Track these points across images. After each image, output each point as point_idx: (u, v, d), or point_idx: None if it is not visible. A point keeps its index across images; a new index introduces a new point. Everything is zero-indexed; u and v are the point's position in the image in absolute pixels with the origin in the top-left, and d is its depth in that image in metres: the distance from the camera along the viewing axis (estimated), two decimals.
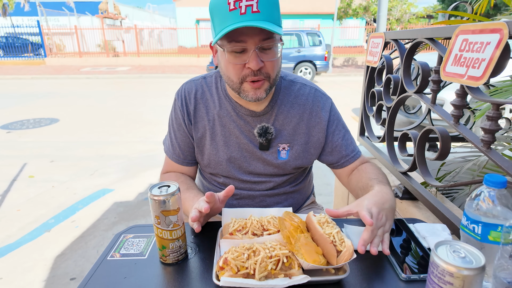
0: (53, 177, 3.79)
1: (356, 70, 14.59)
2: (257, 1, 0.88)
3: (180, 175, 1.22)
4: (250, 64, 0.94)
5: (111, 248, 0.90)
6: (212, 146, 1.15)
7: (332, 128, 1.17)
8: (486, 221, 0.67)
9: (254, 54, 0.93)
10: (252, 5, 0.88)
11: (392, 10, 16.49)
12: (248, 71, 0.96)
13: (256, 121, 1.12)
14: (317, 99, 1.16)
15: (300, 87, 1.17)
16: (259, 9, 0.89)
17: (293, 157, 1.15)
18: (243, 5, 0.88)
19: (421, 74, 1.18)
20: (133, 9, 32.04)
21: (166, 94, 9.16)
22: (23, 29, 17.99)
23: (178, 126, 1.18)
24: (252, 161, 1.16)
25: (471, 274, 0.54)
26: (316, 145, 1.17)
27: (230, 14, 0.89)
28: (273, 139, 1.13)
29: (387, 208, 0.88)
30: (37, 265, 2.26)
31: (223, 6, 0.89)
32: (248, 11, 0.88)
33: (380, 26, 3.96)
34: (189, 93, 1.16)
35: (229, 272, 0.71)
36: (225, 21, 0.90)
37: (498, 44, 0.80)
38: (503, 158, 0.85)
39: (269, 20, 0.91)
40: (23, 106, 7.71)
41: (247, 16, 0.88)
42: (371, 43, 1.71)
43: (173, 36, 23.75)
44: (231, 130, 1.14)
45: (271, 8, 0.91)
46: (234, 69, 0.97)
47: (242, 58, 0.96)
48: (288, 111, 1.14)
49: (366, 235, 0.78)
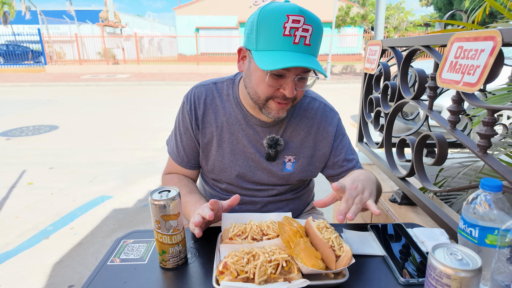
0: (52, 184, 3.78)
1: (355, 78, 14.69)
2: (310, 33, 0.88)
3: (182, 177, 1.22)
4: (286, 91, 0.95)
5: (111, 253, 0.91)
6: (218, 152, 1.15)
7: (337, 143, 1.18)
8: (483, 225, 0.68)
9: (292, 83, 0.94)
10: (306, 37, 0.88)
11: (390, 19, 16.67)
12: (279, 94, 0.97)
13: (266, 132, 1.12)
14: (326, 113, 1.18)
15: (310, 101, 1.18)
16: (311, 43, 0.89)
17: (298, 170, 1.16)
18: (298, 35, 0.87)
19: (418, 80, 1.20)
20: (133, 17, 32.34)
21: (166, 102, 9.17)
22: (24, 37, 18.11)
23: (184, 130, 1.17)
24: (257, 171, 1.16)
25: (468, 276, 0.54)
26: (322, 159, 1.18)
27: (282, 39, 0.88)
28: (280, 151, 1.14)
29: (363, 179, 0.91)
30: (35, 273, 2.24)
31: (277, 26, 0.87)
32: (301, 42, 0.88)
33: (378, 34, 4.01)
34: (199, 98, 1.15)
35: (228, 276, 0.72)
36: (274, 43, 0.89)
37: (492, 51, 0.82)
38: (499, 163, 0.86)
39: (315, 54, 0.93)
40: (23, 113, 7.72)
41: (299, 47, 0.88)
42: (368, 50, 1.73)
43: (172, 44, 23.92)
44: (239, 139, 1.13)
45: (319, 42, 0.93)
46: (267, 89, 0.97)
47: (279, 82, 0.95)
48: (297, 124, 1.15)
49: (341, 206, 0.82)
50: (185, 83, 13.00)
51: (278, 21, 0.87)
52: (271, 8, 0.89)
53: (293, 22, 0.86)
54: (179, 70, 17.25)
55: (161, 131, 6.01)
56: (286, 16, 0.86)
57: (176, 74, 16.11)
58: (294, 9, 0.87)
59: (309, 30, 0.88)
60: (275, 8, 0.89)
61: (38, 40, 17.35)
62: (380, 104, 1.54)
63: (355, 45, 22.37)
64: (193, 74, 16.25)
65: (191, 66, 17.25)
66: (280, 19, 0.87)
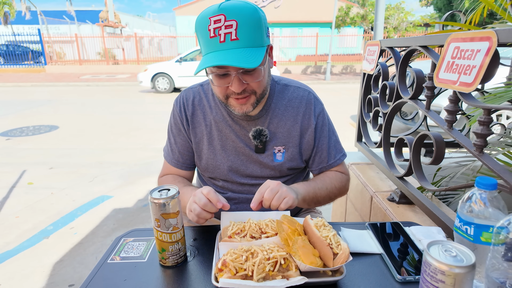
0: (52, 184, 3.79)
1: (354, 78, 14.70)
2: (235, 28, 0.89)
3: (176, 176, 1.25)
4: (233, 87, 0.97)
5: (111, 251, 0.92)
6: (209, 150, 1.18)
7: (318, 134, 1.19)
8: (478, 223, 0.69)
9: (236, 78, 0.96)
10: (230, 32, 0.89)
11: (390, 19, 16.68)
12: (230, 91, 1.00)
13: (251, 125, 1.15)
14: (310, 101, 1.19)
15: (293, 90, 1.20)
16: (238, 37, 0.90)
17: (288, 159, 1.18)
18: (222, 33, 0.89)
19: (415, 80, 1.21)
20: (133, 18, 32.37)
21: (166, 102, 9.20)
22: (24, 37, 18.14)
23: (177, 131, 1.21)
24: (249, 164, 1.18)
25: (462, 272, 0.55)
26: (307, 147, 1.20)
27: (210, 41, 0.91)
28: (268, 142, 1.16)
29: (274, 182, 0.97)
30: (36, 272, 2.25)
31: (204, 31, 0.91)
32: (227, 38, 0.90)
33: (377, 34, 4.03)
34: (187, 100, 1.20)
35: (227, 273, 0.73)
36: (207, 46, 0.93)
37: (487, 52, 0.83)
38: (495, 161, 0.87)
39: (249, 45, 0.92)
40: (23, 113, 7.73)
41: (226, 44, 0.90)
42: (367, 50, 1.74)
43: (172, 44, 23.93)
44: (227, 135, 1.17)
45: (251, 32, 0.92)
46: (218, 89, 1.02)
47: (225, 81, 0.98)
48: (282, 114, 1.16)
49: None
50: None
51: (204, 26, 0.91)
52: (199, 16, 0.94)
53: (215, 23, 0.89)
54: None
55: (161, 131, 6.01)
56: (209, 19, 0.89)
57: None
58: (214, 10, 0.89)
59: (233, 25, 0.89)
60: (201, 14, 0.93)
61: (38, 40, 17.38)
62: (379, 104, 1.55)
63: (355, 46, 22.37)
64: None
65: None
66: (205, 24, 0.90)
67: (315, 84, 13.07)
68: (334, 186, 1.18)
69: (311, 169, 1.26)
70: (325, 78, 14.06)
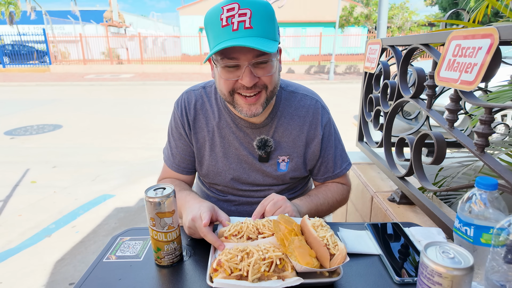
0: (55, 182, 3.81)
1: (358, 78, 14.64)
2: (249, 16, 0.86)
3: (174, 180, 1.22)
4: (243, 80, 0.93)
5: (107, 250, 0.91)
6: (211, 157, 1.15)
7: (325, 144, 1.17)
8: (478, 224, 0.67)
9: (247, 70, 0.92)
10: (244, 21, 0.86)
11: (394, 18, 16.58)
12: (239, 84, 0.95)
13: (256, 133, 1.11)
14: (317, 111, 1.15)
15: (301, 98, 1.16)
16: (252, 25, 0.87)
17: (292, 169, 1.15)
18: (235, 21, 0.86)
19: (416, 79, 1.19)
20: (137, 18, 32.47)
21: (169, 101, 9.21)
22: (29, 37, 18.28)
23: (178, 136, 1.17)
24: (251, 172, 1.15)
25: (460, 274, 0.54)
26: (312, 157, 1.17)
27: (222, 31, 0.88)
28: (272, 151, 1.13)
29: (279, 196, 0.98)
30: (37, 270, 2.26)
31: (216, 21, 0.88)
32: (240, 27, 0.87)
33: (380, 33, 3.99)
34: (189, 103, 1.15)
35: (222, 273, 0.72)
36: (218, 37, 0.89)
37: (489, 49, 0.81)
38: (496, 161, 0.86)
39: (262, 35, 0.89)
40: (27, 112, 7.78)
41: (240, 32, 0.87)
42: (368, 49, 1.72)
43: (176, 44, 24.00)
44: (230, 142, 1.13)
45: (265, 22, 0.89)
46: (226, 83, 0.96)
47: (235, 74, 0.94)
48: (288, 123, 1.13)
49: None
50: (189, 83, 13.02)
51: (216, 16, 0.88)
52: (210, 10, 0.92)
53: (228, 11, 0.87)
54: (183, 70, 17.29)
55: (164, 130, 5.97)
56: (221, 9, 0.87)
57: (180, 74, 16.16)
58: (227, 0, 0.87)
59: (247, 13, 0.86)
60: (213, 6, 0.91)
61: (43, 40, 17.52)
62: (380, 103, 1.53)
63: (359, 45, 22.25)
64: (197, 74, 16.29)
65: (195, 66, 17.29)
66: (217, 14, 0.88)
67: (318, 84, 13.03)
68: (335, 200, 1.16)
69: (315, 178, 1.23)
70: (328, 78, 14.00)
